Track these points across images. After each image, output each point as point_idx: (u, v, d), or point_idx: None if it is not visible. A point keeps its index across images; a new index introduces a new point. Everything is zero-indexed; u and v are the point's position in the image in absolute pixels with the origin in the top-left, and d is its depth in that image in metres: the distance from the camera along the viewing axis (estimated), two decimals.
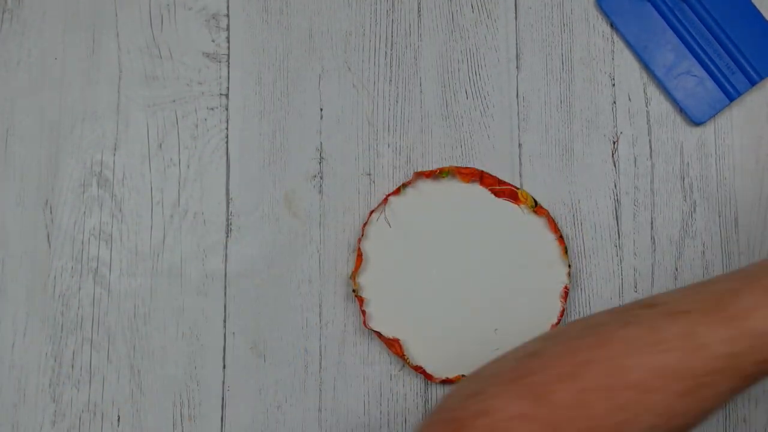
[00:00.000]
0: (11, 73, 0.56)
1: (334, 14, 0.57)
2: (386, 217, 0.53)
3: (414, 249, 0.53)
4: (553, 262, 0.52)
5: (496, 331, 0.52)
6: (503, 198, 0.53)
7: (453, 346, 0.52)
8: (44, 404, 0.52)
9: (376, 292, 0.52)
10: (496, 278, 0.52)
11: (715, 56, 0.56)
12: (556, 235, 0.52)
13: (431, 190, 0.53)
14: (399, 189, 0.53)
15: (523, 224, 0.53)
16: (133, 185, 0.55)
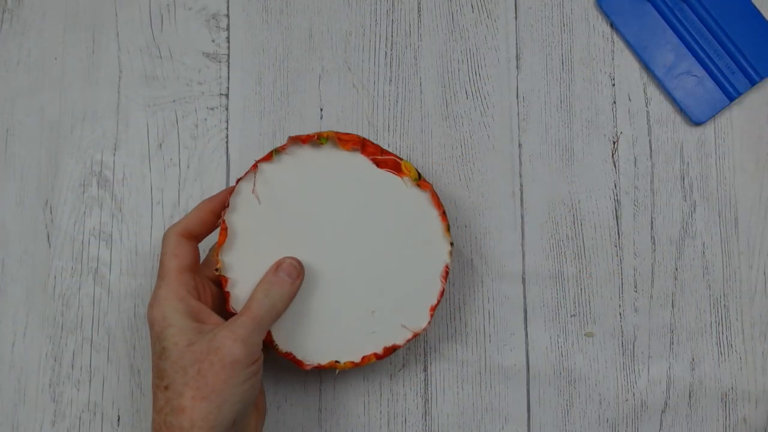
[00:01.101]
0: (11, 73, 0.56)
1: (334, 14, 0.57)
2: (255, 190, 0.47)
3: (286, 223, 0.47)
4: (434, 239, 0.48)
5: (373, 313, 0.48)
6: (385, 169, 0.48)
7: (326, 330, 0.48)
8: (44, 404, 0.52)
9: (242, 272, 0.47)
10: (374, 256, 0.48)
11: (715, 56, 0.56)
12: (439, 211, 0.48)
13: (308, 157, 0.48)
14: (271, 154, 0.47)
15: (405, 198, 0.48)
16: (133, 185, 0.55)
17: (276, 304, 0.44)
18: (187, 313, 0.42)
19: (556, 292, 0.54)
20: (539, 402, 0.53)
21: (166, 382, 0.41)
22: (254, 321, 0.42)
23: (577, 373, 0.54)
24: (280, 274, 0.45)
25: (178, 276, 0.44)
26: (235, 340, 0.41)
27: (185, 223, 0.46)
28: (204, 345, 0.41)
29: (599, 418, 0.53)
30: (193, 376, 0.40)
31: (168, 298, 0.43)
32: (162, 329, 0.42)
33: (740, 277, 0.55)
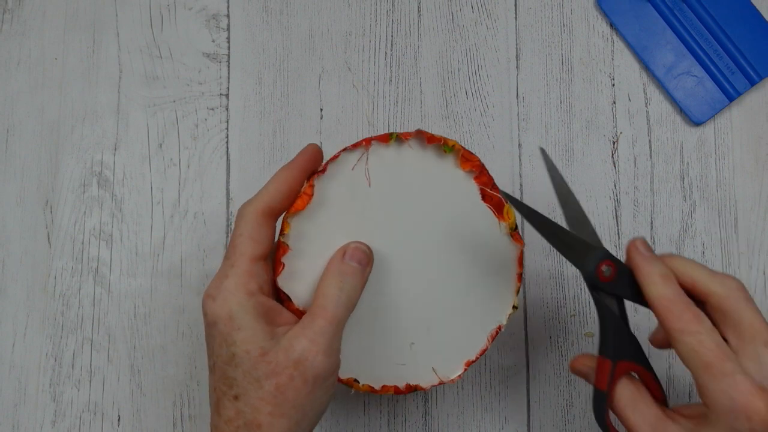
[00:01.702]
0: (11, 74, 0.56)
1: (334, 14, 0.57)
2: (368, 168, 0.42)
3: (372, 214, 0.42)
4: (500, 296, 0.45)
5: (411, 345, 0.44)
6: (488, 205, 0.44)
7: (358, 344, 0.43)
8: (44, 404, 0.52)
9: (309, 248, 0.41)
10: (437, 290, 0.44)
11: (715, 56, 0.56)
12: (518, 270, 0.45)
13: (421, 157, 0.43)
14: (389, 137, 0.42)
15: (492, 243, 0.44)
16: (134, 185, 0.55)
17: (351, 297, 0.39)
18: (258, 312, 0.37)
19: (556, 292, 0.54)
20: (539, 402, 0.53)
21: (236, 392, 0.37)
22: (333, 323, 0.37)
23: None
24: (350, 262, 0.40)
25: (251, 266, 0.38)
26: (317, 352, 0.36)
27: (266, 198, 0.39)
28: (281, 355, 0.36)
29: None
30: (271, 392, 0.36)
31: (236, 293, 0.37)
32: (229, 331, 0.37)
33: (740, 276, 0.55)
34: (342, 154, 0.41)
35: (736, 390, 0.35)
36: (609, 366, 0.39)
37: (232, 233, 0.39)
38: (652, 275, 0.39)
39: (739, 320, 0.37)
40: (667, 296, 0.38)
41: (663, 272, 0.39)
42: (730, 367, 0.35)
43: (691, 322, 0.37)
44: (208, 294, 0.38)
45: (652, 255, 0.40)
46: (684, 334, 0.37)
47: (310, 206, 0.40)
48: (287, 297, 0.41)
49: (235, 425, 0.36)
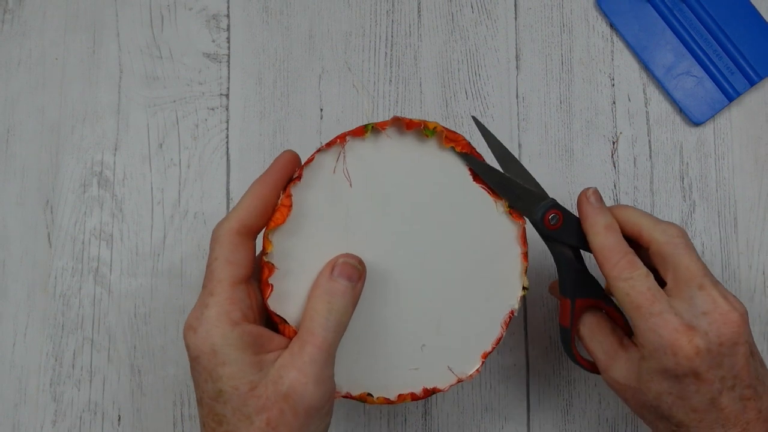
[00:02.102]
0: (12, 74, 0.56)
1: (334, 14, 0.57)
2: (346, 169, 0.39)
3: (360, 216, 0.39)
4: (508, 279, 0.42)
5: (423, 348, 0.41)
6: (481, 185, 0.41)
7: (366, 357, 0.40)
8: (45, 404, 0.52)
9: (297, 264, 0.38)
10: (440, 284, 0.41)
11: (715, 56, 0.56)
12: (523, 249, 0.43)
13: (401, 145, 0.40)
14: (364, 130, 0.39)
15: (491, 225, 0.42)
16: (134, 185, 0.55)
17: (342, 319, 0.36)
18: (244, 343, 0.35)
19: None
20: (539, 402, 0.53)
21: (225, 429, 0.35)
22: (323, 350, 0.35)
23: (577, 372, 0.54)
24: (338, 279, 0.37)
25: (232, 292, 0.35)
26: (306, 383, 0.34)
27: (240, 216, 0.36)
28: (270, 389, 0.34)
29: (599, 417, 0.53)
30: (262, 428, 0.34)
31: (219, 324, 0.34)
32: (214, 366, 0.34)
33: (739, 276, 0.55)
34: (316, 156, 0.38)
35: (663, 328, 0.37)
36: (568, 304, 0.42)
37: (208, 258, 0.36)
38: (596, 225, 0.41)
39: (676, 264, 0.39)
40: (607, 245, 0.40)
41: (607, 222, 0.41)
42: (658, 307, 0.38)
43: (626, 268, 0.39)
44: (189, 325, 0.35)
45: (601, 206, 0.42)
46: (618, 280, 0.39)
47: (290, 219, 0.37)
48: (282, 320, 0.37)
49: None
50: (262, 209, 0.37)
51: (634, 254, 0.40)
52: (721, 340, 0.37)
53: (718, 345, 0.37)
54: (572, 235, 0.42)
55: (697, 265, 0.39)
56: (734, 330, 0.37)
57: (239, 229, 0.36)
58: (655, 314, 0.38)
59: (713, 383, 0.37)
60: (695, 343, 0.37)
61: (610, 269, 0.40)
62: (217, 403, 0.35)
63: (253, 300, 0.37)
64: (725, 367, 0.37)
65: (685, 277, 0.39)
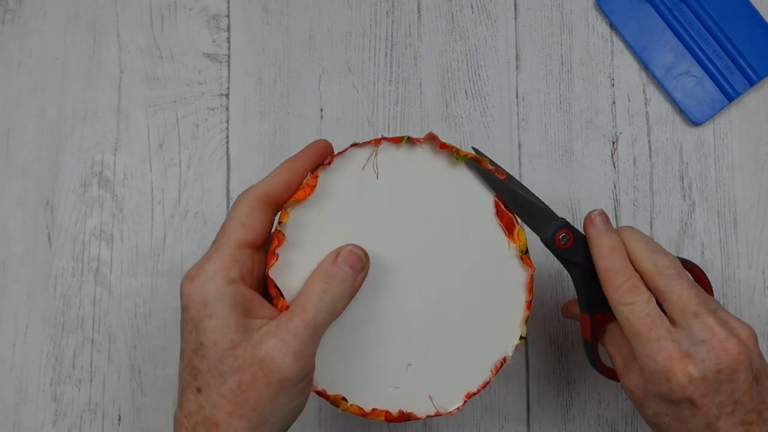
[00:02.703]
0: (12, 74, 0.56)
1: (334, 15, 0.57)
2: (376, 163, 0.39)
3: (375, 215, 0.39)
4: (507, 325, 0.42)
5: (408, 367, 0.40)
6: (498, 221, 0.42)
7: (349, 359, 0.40)
8: (45, 403, 0.53)
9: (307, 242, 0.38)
10: (438, 310, 0.41)
11: (714, 57, 0.56)
12: (528, 298, 0.42)
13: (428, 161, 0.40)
14: (401, 139, 0.40)
15: (500, 266, 0.41)
16: (134, 185, 0.55)
17: (336, 303, 0.36)
18: (235, 302, 0.35)
19: (556, 292, 0.54)
20: (539, 401, 0.53)
21: (199, 384, 0.35)
22: (310, 327, 0.35)
23: (577, 372, 0.54)
24: (341, 265, 0.37)
25: (236, 251, 0.36)
26: (285, 353, 0.34)
27: (266, 186, 0.37)
28: (248, 352, 0.34)
29: (598, 417, 0.53)
30: (232, 389, 0.34)
31: (215, 278, 0.35)
32: (201, 318, 0.34)
33: (739, 276, 0.55)
34: (350, 149, 0.39)
35: (659, 354, 0.38)
36: (587, 319, 0.43)
37: (226, 217, 0.37)
38: (600, 247, 0.41)
39: (668, 296, 0.39)
40: (611, 268, 0.40)
41: (611, 244, 0.41)
42: (655, 333, 0.38)
43: (627, 293, 0.39)
44: (187, 275, 0.36)
45: (606, 227, 0.42)
46: (619, 305, 0.40)
47: (311, 198, 0.38)
48: (279, 292, 0.37)
49: (194, 420, 0.35)
50: (287, 183, 0.37)
51: (638, 278, 0.40)
52: (719, 367, 0.37)
53: (716, 372, 0.37)
54: (583, 255, 0.42)
55: (689, 294, 0.39)
56: (733, 357, 0.37)
57: (261, 196, 0.37)
58: (652, 340, 0.38)
59: (710, 409, 0.37)
60: (688, 371, 0.37)
61: (612, 293, 0.40)
62: (195, 356, 0.35)
63: (255, 266, 0.37)
64: (724, 394, 0.37)
65: (679, 306, 0.39)
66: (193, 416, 0.35)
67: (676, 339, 0.38)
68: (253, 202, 0.37)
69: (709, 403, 0.37)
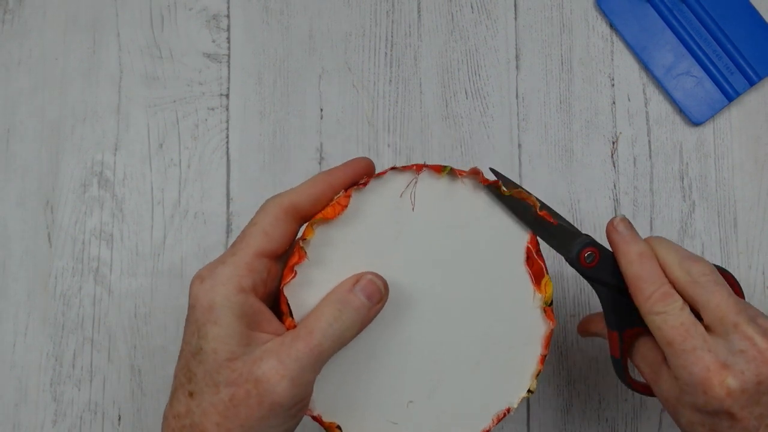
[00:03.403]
0: (12, 74, 0.56)
1: (334, 15, 0.57)
2: (414, 194, 0.38)
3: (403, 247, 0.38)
4: (518, 375, 0.40)
5: (408, 405, 0.39)
6: (528, 269, 0.40)
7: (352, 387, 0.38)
8: (45, 404, 0.53)
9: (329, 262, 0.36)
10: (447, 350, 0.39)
11: (714, 57, 0.56)
12: (543, 352, 0.40)
13: (468, 197, 0.39)
14: (441, 169, 0.38)
15: (521, 315, 0.40)
16: (134, 185, 0.55)
17: (345, 332, 0.35)
18: (242, 312, 0.34)
19: (556, 291, 0.54)
20: (539, 401, 0.53)
21: (192, 388, 0.34)
22: (313, 353, 0.33)
23: (577, 372, 0.54)
24: (358, 294, 0.35)
25: (253, 260, 0.35)
26: (282, 377, 0.33)
27: (295, 197, 0.36)
28: (246, 367, 0.33)
29: (599, 417, 0.53)
30: (224, 401, 0.33)
31: (226, 284, 0.34)
32: (204, 322, 0.34)
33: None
34: (389, 173, 0.37)
35: (695, 366, 0.36)
36: (617, 337, 0.41)
37: (250, 221, 0.36)
38: (628, 254, 0.39)
39: (705, 305, 0.37)
40: (641, 276, 0.38)
41: (640, 250, 0.39)
42: (690, 344, 0.36)
43: (659, 301, 0.38)
44: (198, 275, 0.35)
45: (631, 233, 0.40)
46: (651, 314, 0.38)
47: (340, 217, 0.36)
48: (289, 310, 0.36)
49: (181, 423, 0.34)
50: (317, 197, 0.36)
51: (670, 285, 0.38)
52: (759, 378, 0.36)
53: (756, 384, 0.35)
54: (610, 273, 0.40)
55: (727, 303, 0.37)
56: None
57: (288, 207, 0.35)
58: (687, 351, 0.36)
59: (749, 421, 0.36)
60: (727, 383, 0.35)
61: (643, 302, 0.38)
62: (193, 359, 0.34)
63: (269, 278, 0.36)
64: (764, 405, 0.36)
65: (717, 316, 0.37)
66: (182, 419, 0.34)
67: (712, 349, 0.36)
68: (279, 212, 0.35)
69: (748, 416, 0.36)
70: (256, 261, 0.35)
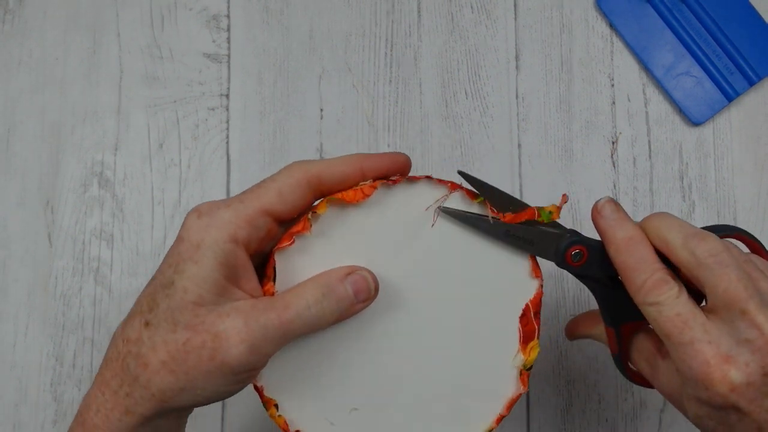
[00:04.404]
0: (12, 74, 0.56)
1: (334, 15, 0.57)
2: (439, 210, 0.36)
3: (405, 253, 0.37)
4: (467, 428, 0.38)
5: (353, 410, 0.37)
6: (520, 326, 0.38)
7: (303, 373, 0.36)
8: (45, 404, 0.53)
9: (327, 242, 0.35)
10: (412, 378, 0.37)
11: (714, 57, 0.56)
12: (503, 413, 0.39)
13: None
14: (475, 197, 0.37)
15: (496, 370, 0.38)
16: (134, 185, 0.55)
17: (320, 320, 0.34)
18: (226, 261, 0.32)
19: (556, 291, 0.54)
20: (538, 401, 0.53)
21: (150, 318, 0.32)
22: (281, 329, 0.32)
23: (576, 372, 0.54)
24: (347, 286, 0.34)
25: (257, 216, 0.33)
26: (242, 341, 0.31)
27: (322, 168, 0.34)
28: (210, 317, 0.32)
29: (598, 417, 0.54)
30: (177, 343, 0.32)
31: (221, 229, 0.32)
32: (186, 258, 0.32)
33: None
34: (423, 181, 0.36)
35: (694, 360, 0.33)
36: (614, 333, 0.39)
37: (268, 177, 0.34)
38: (614, 241, 0.36)
39: (713, 288, 0.34)
40: (630, 264, 0.35)
41: (627, 235, 0.36)
42: (688, 336, 0.33)
43: (652, 291, 0.35)
44: (197, 209, 0.33)
45: (618, 217, 0.37)
46: (645, 305, 0.35)
47: (359, 205, 0.35)
48: (274, 276, 0.35)
49: (128, 349, 0.33)
50: (344, 177, 0.35)
51: (663, 270, 0.35)
52: (766, 370, 0.32)
53: (763, 376, 0.32)
54: (601, 266, 0.38)
55: (736, 287, 0.33)
56: None
57: (312, 176, 0.34)
58: (685, 343, 0.33)
59: (759, 414, 0.33)
60: (730, 378, 0.33)
61: (636, 292, 0.35)
62: (161, 291, 0.33)
63: (267, 240, 0.34)
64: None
65: (724, 301, 0.33)
66: (130, 344, 0.33)
67: (714, 340, 0.33)
68: (302, 178, 0.34)
69: (757, 409, 0.33)
70: (259, 217, 0.33)
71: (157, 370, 0.32)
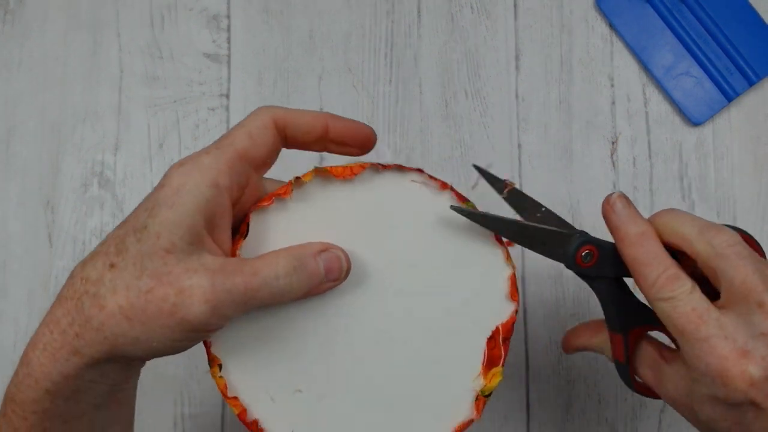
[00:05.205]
0: (13, 74, 0.56)
1: (335, 15, 0.57)
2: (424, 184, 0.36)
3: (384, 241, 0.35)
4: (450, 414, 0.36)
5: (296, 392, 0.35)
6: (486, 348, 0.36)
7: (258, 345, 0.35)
8: None
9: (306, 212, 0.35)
10: (363, 377, 0.36)
11: (714, 57, 0.56)
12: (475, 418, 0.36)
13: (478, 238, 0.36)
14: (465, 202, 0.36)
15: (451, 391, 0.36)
16: (134, 185, 0.55)
17: (287, 293, 0.33)
18: (206, 207, 0.31)
19: (556, 291, 0.54)
20: (538, 401, 0.53)
21: (116, 261, 0.31)
22: (246, 295, 0.31)
23: (576, 372, 0.54)
24: (320, 262, 0.33)
25: (236, 161, 0.33)
26: (206, 301, 0.30)
27: (289, 116, 0.34)
28: (177, 269, 0.31)
29: (598, 417, 0.54)
30: (139, 290, 0.30)
31: (204, 172, 0.32)
32: (162, 204, 0.31)
33: None
34: (414, 172, 0.35)
35: (711, 356, 0.32)
36: (620, 339, 0.38)
37: (236, 124, 0.34)
38: (626, 236, 0.36)
39: (729, 280, 0.33)
40: (641, 259, 0.35)
41: (639, 231, 0.36)
42: (704, 331, 0.33)
43: (665, 286, 0.34)
44: (180, 161, 0.32)
45: (629, 212, 0.36)
46: (657, 301, 0.34)
47: (344, 182, 0.34)
48: (246, 234, 0.34)
49: (85, 288, 0.31)
50: (308, 128, 0.34)
51: (675, 266, 0.34)
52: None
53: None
54: (612, 266, 0.37)
55: (754, 279, 0.33)
56: None
57: (279, 119, 0.34)
58: (701, 339, 0.33)
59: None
60: (749, 373, 0.32)
61: (648, 288, 0.34)
62: (133, 235, 0.31)
63: (248, 191, 0.34)
64: None
65: (741, 293, 0.33)
66: (88, 284, 0.31)
67: (730, 335, 0.32)
68: (268, 120, 0.33)
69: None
70: (237, 162, 0.33)
71: (113, 314, 0.30)
